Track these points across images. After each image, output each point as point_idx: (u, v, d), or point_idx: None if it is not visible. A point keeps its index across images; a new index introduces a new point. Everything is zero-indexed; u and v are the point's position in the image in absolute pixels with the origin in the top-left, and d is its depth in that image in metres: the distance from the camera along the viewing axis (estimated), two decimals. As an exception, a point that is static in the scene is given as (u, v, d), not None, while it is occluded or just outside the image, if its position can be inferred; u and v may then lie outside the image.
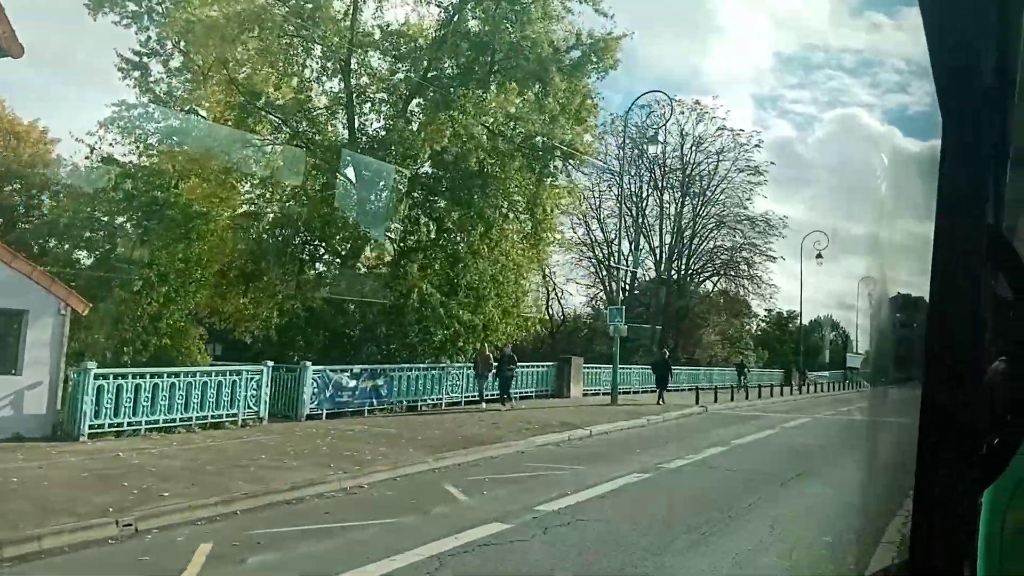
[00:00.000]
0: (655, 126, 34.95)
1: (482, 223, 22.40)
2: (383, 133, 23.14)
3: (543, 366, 26.20)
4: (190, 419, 15.95)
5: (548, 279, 52.32)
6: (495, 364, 22.18)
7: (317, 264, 24.26)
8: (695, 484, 12.34)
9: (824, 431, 21.45)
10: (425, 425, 17.86)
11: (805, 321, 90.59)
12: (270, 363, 17.69)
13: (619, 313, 23.78)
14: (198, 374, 16.34)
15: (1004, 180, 1.93)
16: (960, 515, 1.32)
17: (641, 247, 51.76)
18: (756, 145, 50.48)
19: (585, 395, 28.02)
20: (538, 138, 22.48)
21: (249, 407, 16.74)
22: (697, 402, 26.85)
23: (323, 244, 24.71)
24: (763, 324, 74.14)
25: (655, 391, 27.84)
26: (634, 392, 31.35)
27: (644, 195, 50.85)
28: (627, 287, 52.18)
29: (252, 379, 16.85)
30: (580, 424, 18.86)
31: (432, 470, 12.86)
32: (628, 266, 50.00)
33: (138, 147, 27.91)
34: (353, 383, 19.34)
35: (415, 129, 21.80)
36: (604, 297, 53.69)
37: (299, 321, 24.10)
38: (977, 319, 1.29)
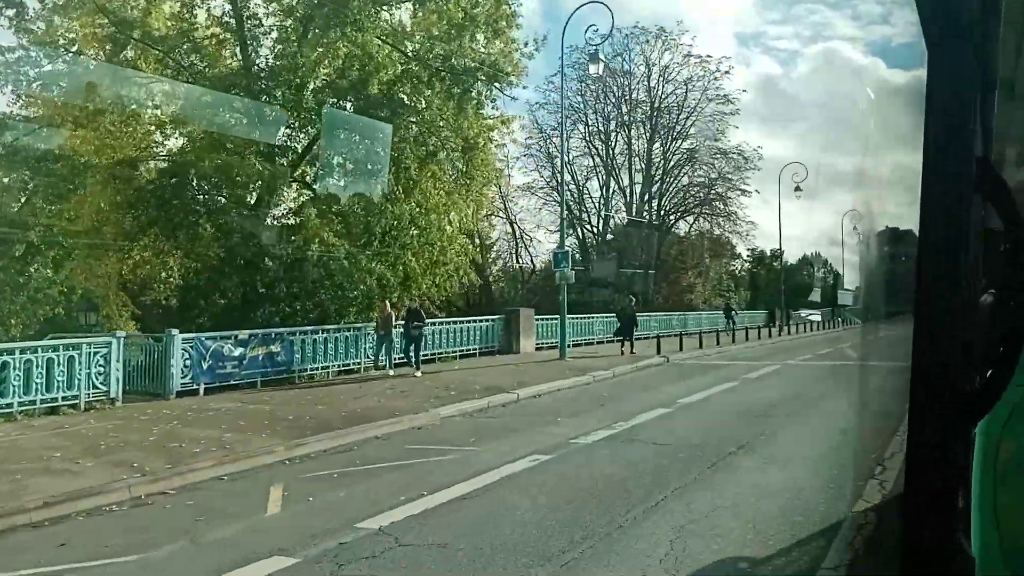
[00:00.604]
0: (596, 43, 31.30)
1: (392, 160, 19.28)
2: (276, 61, 19.83)
3: (487, 320, 23.39)
4: (33, 403, 13.20)
5: (515, 226, 49.43)
6: (401, 322, 19.32)
7: (216, 216, 21.11)
8: (601, 470, 9.66)
9: (791, 383, 18.80)
10: (314, 399, 15.15)
11: (793, 259, 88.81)
12: (122, 333, 14.84)
13: (565, 258, 20.89)
14: (30, 351, 13.47)
15: (992, 110, 1.78)
16: (953, 447, 1.30)
17: (612, 189, 48.55)
18: (726, 72, 46.96)
19: (539, 349, 25.36)
20: (455, 59, 19.16)
21: (95, 386, 13.91)
22: (659, 352, 24.16)
23: (222, 194, 21.58)
24: (747, 264, 71.77)
25: (620, 341, 25.29)
26: (598, 343, 28.70)
27: (611, 129, 47.34)
28: (598, 231, 49.25)
29: (96, 354, 13.98)
30: (509, 387, 16.20)
31: (279, 462, 10.22)
32: (599, 209, 47.11)
33: (17, 95, 24.72)
34: (239, 351, 16.56)
35: (305, 51, 18.48)
36: (577, 243, 50.85)
37: (200, 282, 21.17)
38: (967, 251, 1.28)
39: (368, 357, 19.60)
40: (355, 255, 18.94)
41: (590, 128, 47.69)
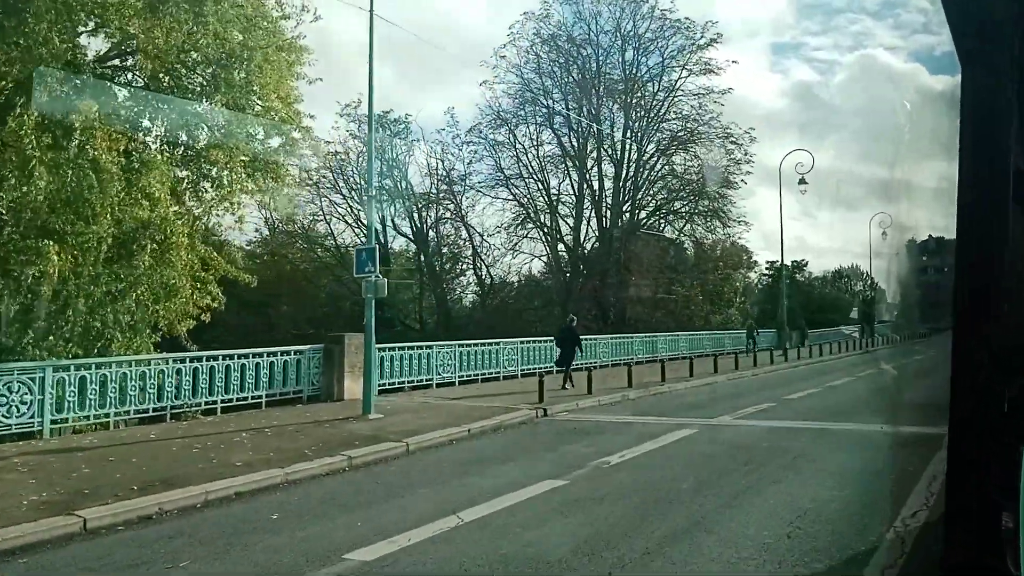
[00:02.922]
0: None
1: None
2: None
3: (291, 352, 15.54)
4: None
5: (468, 228, 41.81)
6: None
7: None
8: None
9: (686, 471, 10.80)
10: None
11: (825, 272, 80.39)
12: None
13: (371, 257, 13.07)
14: None
15: None
16: (996, 465, 1.26)
17: (584, 186, 40.70)
18: (712, 41, 39.11)
19: (386, 391, 17.36)
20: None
21: None
22: (629, 384, 16.37)
23: None
24: (765, 276, 63.46)
25: (562, 372, 19.11)
26: (508, 377, 20.80)
27: (581, 116, 39.62)
28: (569, 243, 41.38)
29: None
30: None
31: None
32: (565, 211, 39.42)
33: None
34: None
35: None
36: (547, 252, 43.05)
37: None
38: (1005, 263, 1.26)
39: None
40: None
41: (554, 111, 40.07)
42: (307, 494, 8.45)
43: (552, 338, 23.38)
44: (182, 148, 15.01)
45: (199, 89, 14.72)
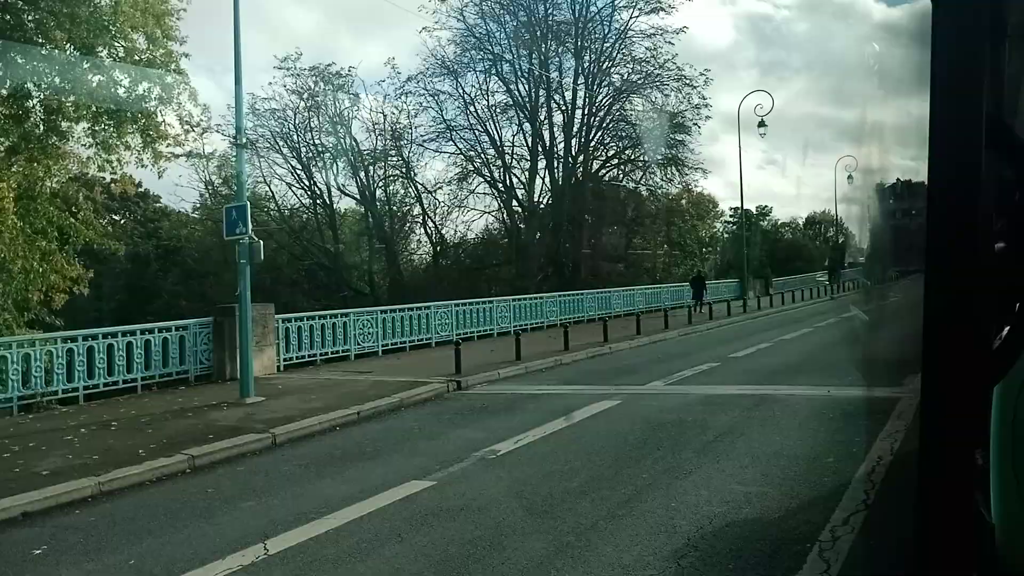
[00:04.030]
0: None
1: None
2: None
3: (172, 328, 13.65)
4: None
5: (415, 184, 39.62)
6: None
7: None
8: None
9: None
10: None
11: (793, 219, 79.17)
12: None
13: (242, 216, 11.12)
14: None
15: (1004, 58, 1.68)
16: (969, 408, 1.28)
17: (536, 140, 38.58)
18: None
19: (301, 365, 15.67)
20: None
21: None
22: (566, 347, 14.55)
23: None
24: (730, 224, 62.18)
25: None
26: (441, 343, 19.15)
27: (528, 63, 37.31)
28: (524, 197, 39.40)
29: None
30: None
31: None
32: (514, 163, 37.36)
33: None
34: None
35: None
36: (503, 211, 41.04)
37: None
38: (978, 206, 1.24)
39: None
40: None
41: (501, 59, 37.67)
42: (109, 513, 6.71)
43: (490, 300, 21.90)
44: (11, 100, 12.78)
45: (33, 27, 12.48)
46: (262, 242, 11.90)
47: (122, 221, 46.81)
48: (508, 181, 39.48)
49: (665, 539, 5.11)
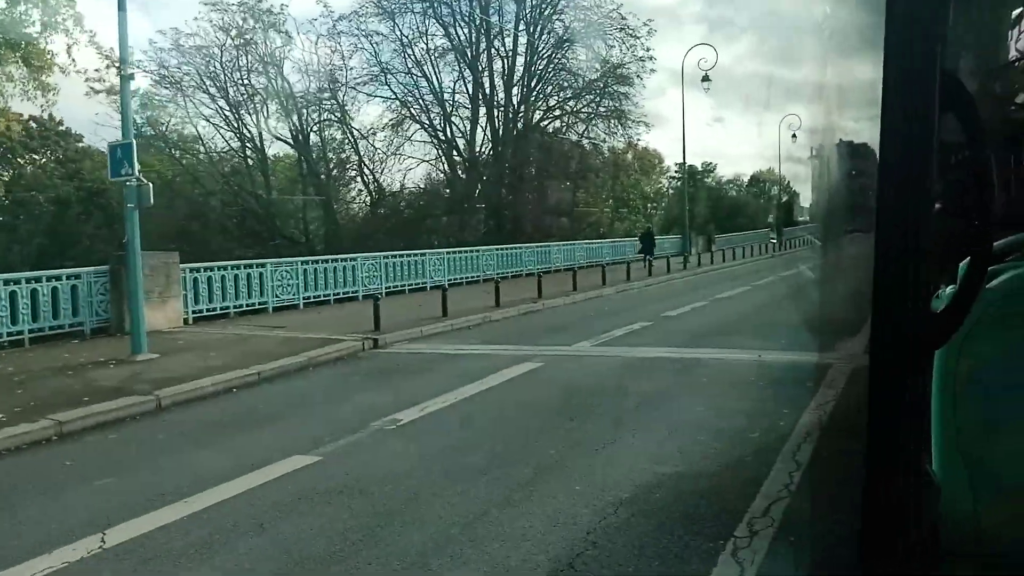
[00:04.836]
0: None
1: None
2: None
3: (63, 277, 12.48)
4: None
5: (354, 137, 37.99)
6: None
7: None
8: None
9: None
10: None
11: (738, 175, 79.44)
12: None
13: (127, 155, 9.89)
14: None
15: (947, 17, 1.55)
16: (915, 370, 1.28)
17: (477, 88, 37.22)
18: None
19: (208, 318, 14.69)
20: None
21: None
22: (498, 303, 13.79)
23: None
24: (674, 179, 61.89)
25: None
26: (388, 295, 18.39)
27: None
28: (465, 147, 38.15)
29: None
30: None
31: None
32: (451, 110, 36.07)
33: None
34: None
35: None
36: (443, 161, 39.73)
37: None
38: (930, 168, 1.25)
39: None
40: None
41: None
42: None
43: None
44: None
45: None
46: (151, 184, 10.77)
47: (42, 160, 44.03)
48: (448, 130, 38.21)
49: (562, 533, 4.47)
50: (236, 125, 37.43)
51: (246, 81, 36.49)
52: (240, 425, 7.53)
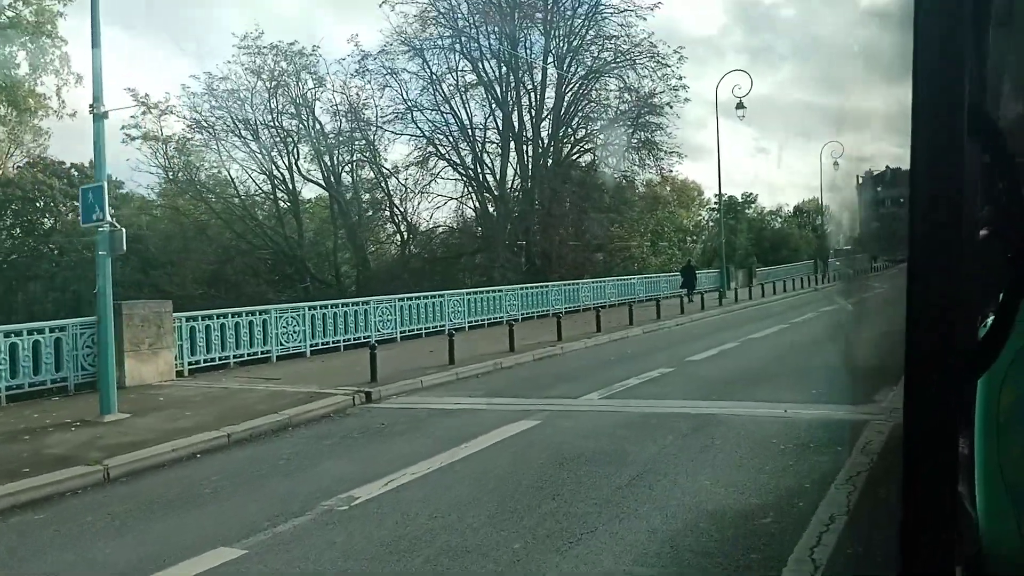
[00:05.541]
0: None
1: None
2: None
3: (45, 330, 11.88)
4: None
5: (384, 176, 37.62)
6: None
7: None
8: None
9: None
10: None
11: (780, 206, 77.37)
12: None
13: (99, 198, 9.22)
14: None
15: (987, 42, 1.64)
16: (954, 399, 1.24)
17: (507, 123, 36.64)
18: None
19: (208, 368, 14.01)
20: None
21: None
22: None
23: None
24: (713, 210, 60.24)
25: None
26: (402, 340, 17.64)
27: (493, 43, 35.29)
28: (495, 184, 37.48)
29: None
30: None
31: None
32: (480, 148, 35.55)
33: None
34: None
35: None
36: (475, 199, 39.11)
37: None
38: (962, 194, 1.22)
39: None
40: None
41: (467, 35, 35.64)
42: None
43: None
44: None
45: None
46: (124, 230, 10.09)
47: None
48: (478, 167, 37.56)
49: None
50: (268, 168, 37.46)
51: (277, 123, 36.58)
52: (179, 504, 6.60)
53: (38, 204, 39.40)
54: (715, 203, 59.55)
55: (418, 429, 9.12)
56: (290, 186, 37.95)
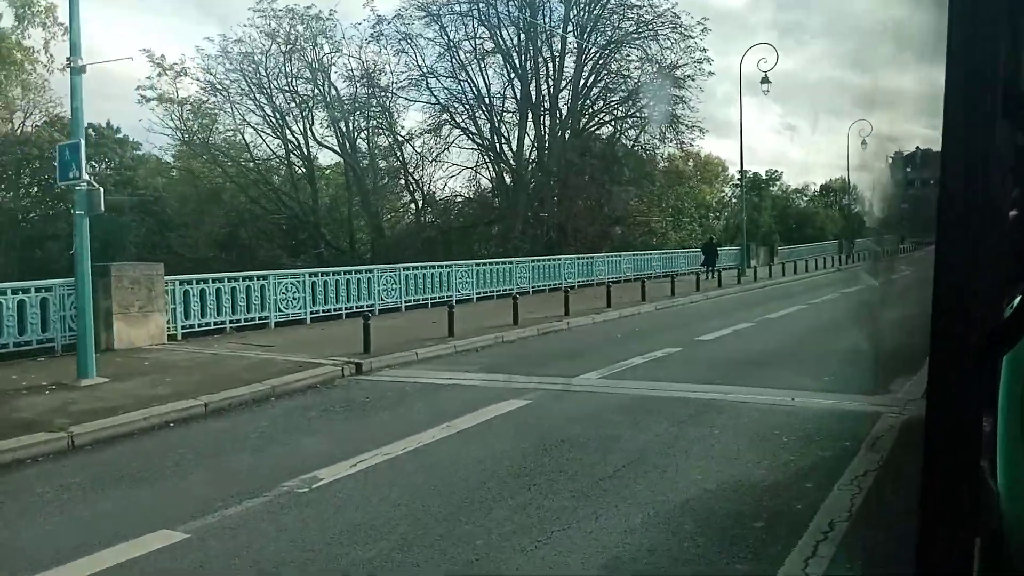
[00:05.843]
0: None
1: None
2: None
3: (31, 290, 11.57)
4: None
5: (399, 143, 37.01)
6: None
7: None
8: None
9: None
10: None
11: (806, 184, 75.71)
12: None
13: (75, 156, 8.79)
14: None
15: (1022, 22, 1.53)
16: (979, 375, 1.24)
17: (526, 92, 35.81)
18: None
19: (199, 333, 13.66)
20: None
21: None
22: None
23: None
24: (735, 188, 59.03)
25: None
26: (407, 309, 17.27)
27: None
28: (512, 154, 36.74)
29: None
30: None
31: None
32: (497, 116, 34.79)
33: None
34: None
35: None
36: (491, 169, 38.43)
37: None
38: (991, 173, 1.22)
39: None
40: None
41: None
42: None
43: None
44: None
45: None
46: (102, 190, 9.64)
47: (100, 168, 44.62)
48: (494, 137, 36.80)
49: None
50: (282, 133, 37.01)
51: (292, 88, 36.03)
52: (137, 479, 6.22)
53: (55, 163, 39.37)
54: (738, 179, 58.63)
55: (402, 405, 8.69)
56: (305, 152, 37.56)
